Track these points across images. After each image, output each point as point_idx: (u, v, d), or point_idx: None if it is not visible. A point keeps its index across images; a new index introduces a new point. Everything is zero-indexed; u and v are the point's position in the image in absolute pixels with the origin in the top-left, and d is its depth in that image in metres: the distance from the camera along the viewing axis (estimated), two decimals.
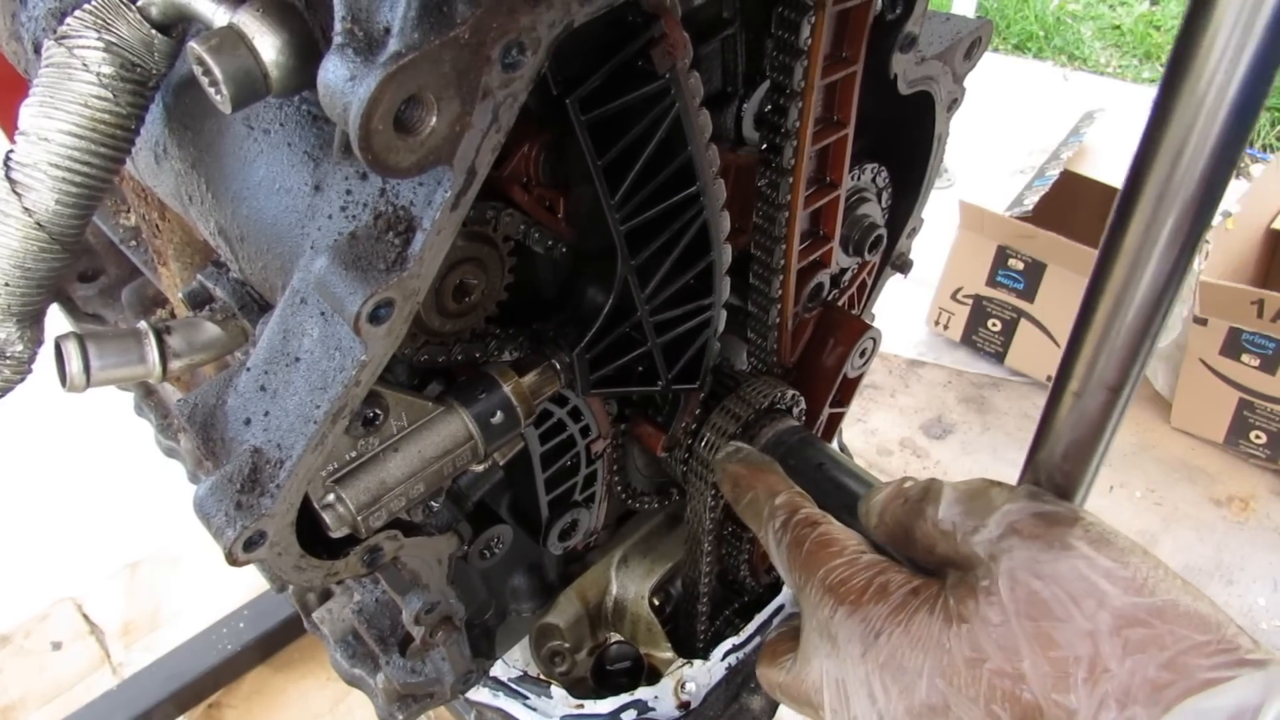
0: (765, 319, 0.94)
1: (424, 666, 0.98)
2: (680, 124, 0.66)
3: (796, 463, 0.87)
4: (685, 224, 0.72)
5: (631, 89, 0.62)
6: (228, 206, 0.72)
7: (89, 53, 0.67)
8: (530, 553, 1.04)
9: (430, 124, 0.49)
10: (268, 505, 0.60)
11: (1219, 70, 0.48)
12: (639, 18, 0.60)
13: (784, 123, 0.80)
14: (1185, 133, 0.51)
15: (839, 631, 0.62)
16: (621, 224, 0.67)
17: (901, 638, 0.59)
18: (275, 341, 0.62)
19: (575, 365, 0.73)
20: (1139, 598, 0.54)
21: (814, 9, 0.73)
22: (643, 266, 0.72)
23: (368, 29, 0.49)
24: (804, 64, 0.76)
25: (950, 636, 0.57)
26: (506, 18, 0.49)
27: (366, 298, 0.53)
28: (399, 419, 0.65)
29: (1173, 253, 0.55)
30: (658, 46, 0.60)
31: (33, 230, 0.69)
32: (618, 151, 0.64)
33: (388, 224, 0.56)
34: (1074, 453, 0.63)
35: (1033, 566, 0.56)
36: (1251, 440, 2.73)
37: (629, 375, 0.80)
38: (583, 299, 0.74)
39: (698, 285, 0.79)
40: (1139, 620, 0.53)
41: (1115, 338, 0.58)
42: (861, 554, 0.65)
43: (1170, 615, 0.53)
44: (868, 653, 0.60)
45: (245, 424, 0.62)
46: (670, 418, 0.90)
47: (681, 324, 0.79)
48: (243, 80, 0.59)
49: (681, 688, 1.13)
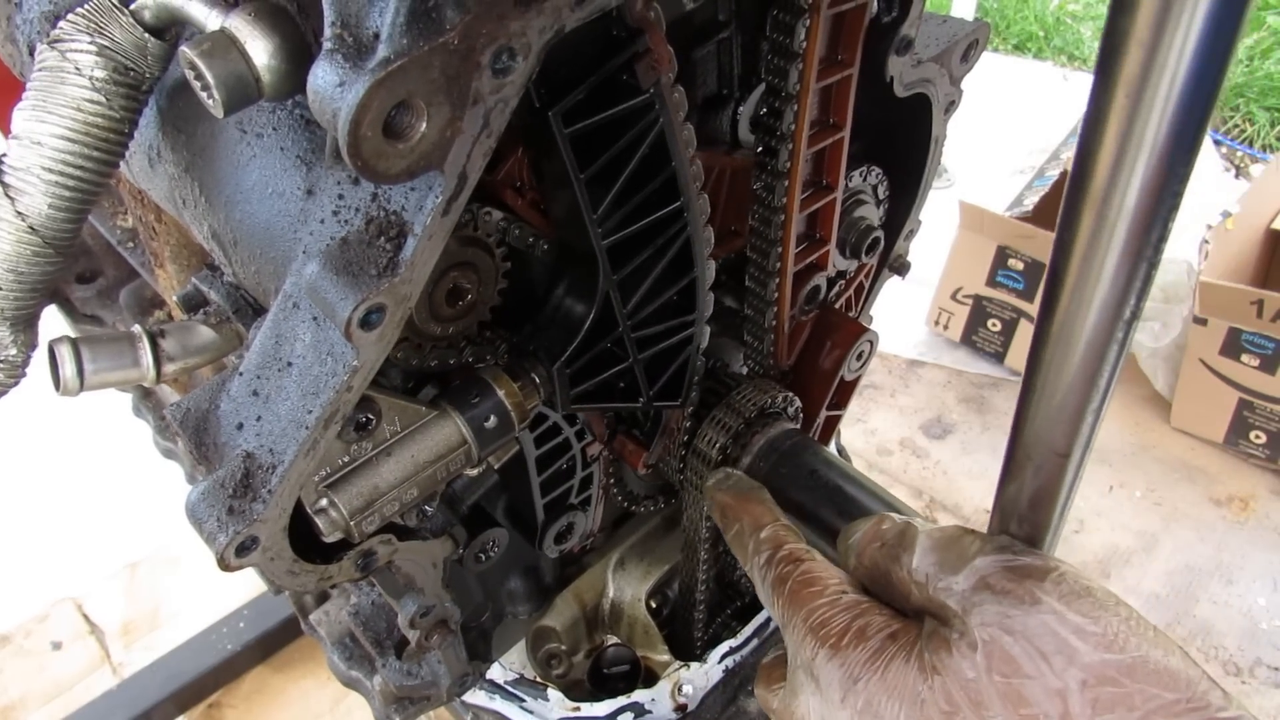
0: (762, 322, 0.94)
1: (420, 669, 0.98)
2: (664, 139, 0.65)
3: (790, 469, 0.87)
4: (669, 240, 0.71)
5: (615, 103, 0.61)
6: (221, 210, 0.71)
7: (82, 56, 0.67)
8: (526, 556, 1.04)
9: (420, 130, 0.49)
10: (260, 510, 0.59)
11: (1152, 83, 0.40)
12: (623, 32, 0.60)
13: (779, 125, 0.79)
14: (1113, 165, 0.44)
15: (820, 674, 0.62)
16: (604, 238, 0.67)
17: (878, 685, 0.60)
18: (268, 346, 0.61)
19: (555, 380, 0.72)
20: (1109, 654, 0.54)
21: (809, 12, 0.73)
22: (625, 281, 0.71)
23: (357, 34, 0.49)
24: (799, 67, 0.76)
25: (925, 688, 0.58)
26: (496, 23, 0.49)
27: (358, 303, 0.53)
28: (392, 424, 0.65)
29: (1105, 326, 0.51)
30: (642, 61, 0.60)
31: (26, 234, 0.69)
32: (600, 165, 0.64)
33: (379, 229, 0.55)
34: (1038, 502, 0.62)
35: (1003, 622, 0.56)
36: (1251, 440, 2.73)
37: (610, 391, 0.79)
38: (562, 314, 0.74)
39: (681, 301, 0.78)
40: (1108, 678, 0.53)
41: (1058, 408, 0.56)
42: (843, 594, 0.66)
43: (1140, 673, 0.53)
44: (846, 698, 0.60)
45: (238, 429, 0.62)
46: (652, 434, 0.90)
47: (664, 340, 0.79)
48: (234, 85, 0.59)
49: (678, 690, 1.13)
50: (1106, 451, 2.83)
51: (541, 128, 0.61)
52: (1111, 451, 2.83)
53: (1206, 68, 0.40)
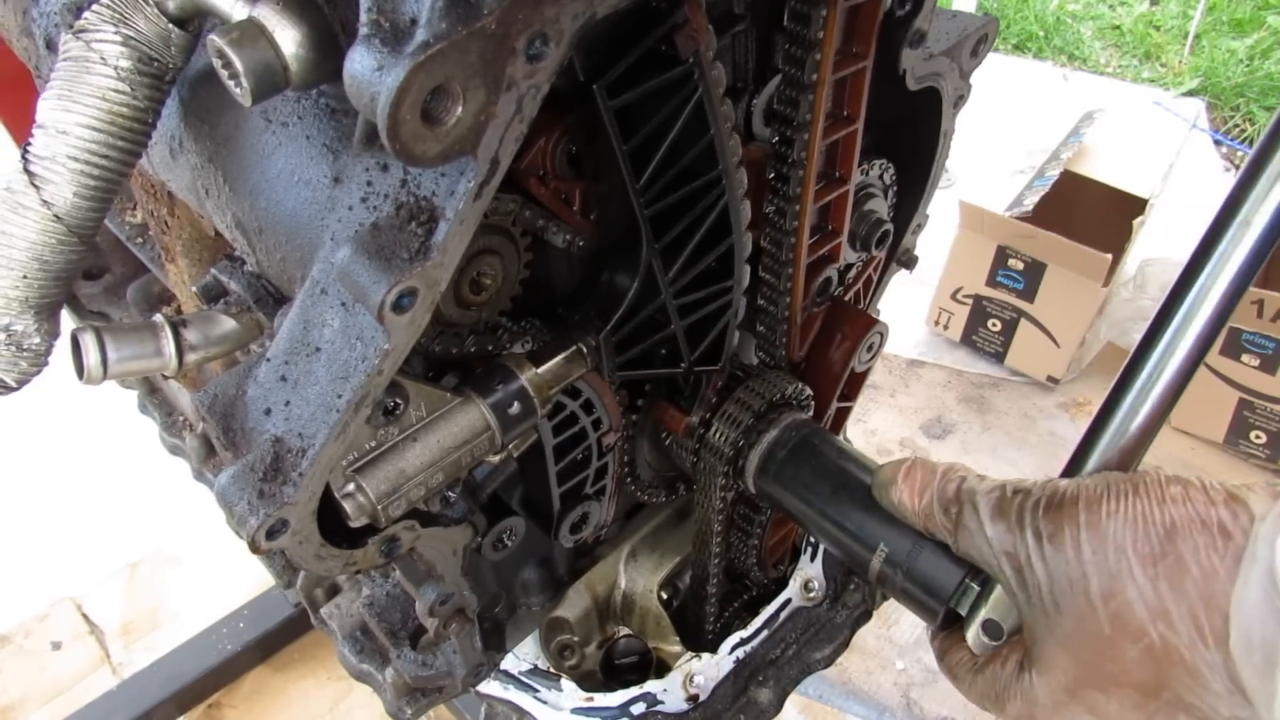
0: (775, 313, 0.94)
1: (435, 660, 0.98)
2: (703, 108, 0.66)
3: (807, 455, 0.88)
4: (707, 207, 0.73)
5: (656, 74, 0.63)
6: (246, 199, 0.72)
7: (107, 46, 0.67)
8: (541, 546, 1.05)
9: (456, 114, 0.50)
10: (290, 494, 0.60)
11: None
12: (661, 4, 0.61)
13: (795, 117, 0.80)
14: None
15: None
16: (646, 208, 0.68)
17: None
18: (296, 332, 0.62)
19: (602, 349, 0.74)
20: (1142, 530, 0.64)
21: (825, 4, 0.74)
22: (666, 250, 0.73)
23: (394, 20, 0.49)
24: (815, 58, 0.77)
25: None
26: (531, 9, 0.50)
27: (390, 286, 0.54)
28: (418, 409, 0.66)
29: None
30: (681, 32, 0.61)
31: (51, 223, 0.70)
32: (643, 137, 0.65)
33: (410, 214, 0.56)
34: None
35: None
36: (1251, 440, 2.74)
37: (653, 358, 0.81)
38: (606, 285, 0.75)
39: (719, 268, 0.80)
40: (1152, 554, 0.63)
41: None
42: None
43: (1176, 532, 0.63)
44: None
45: (266, 414, 0.63)
46: (692, 400, 0.91)
47: (704, 306, 0.81)
48: (263, 73, 0.59)
49: (690, 681, 1.13)
50: None
51: (585, 102, 0.62)
52: None
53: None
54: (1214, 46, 4.45)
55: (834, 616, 1.24)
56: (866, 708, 2.17)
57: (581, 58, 0.61)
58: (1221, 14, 4.61)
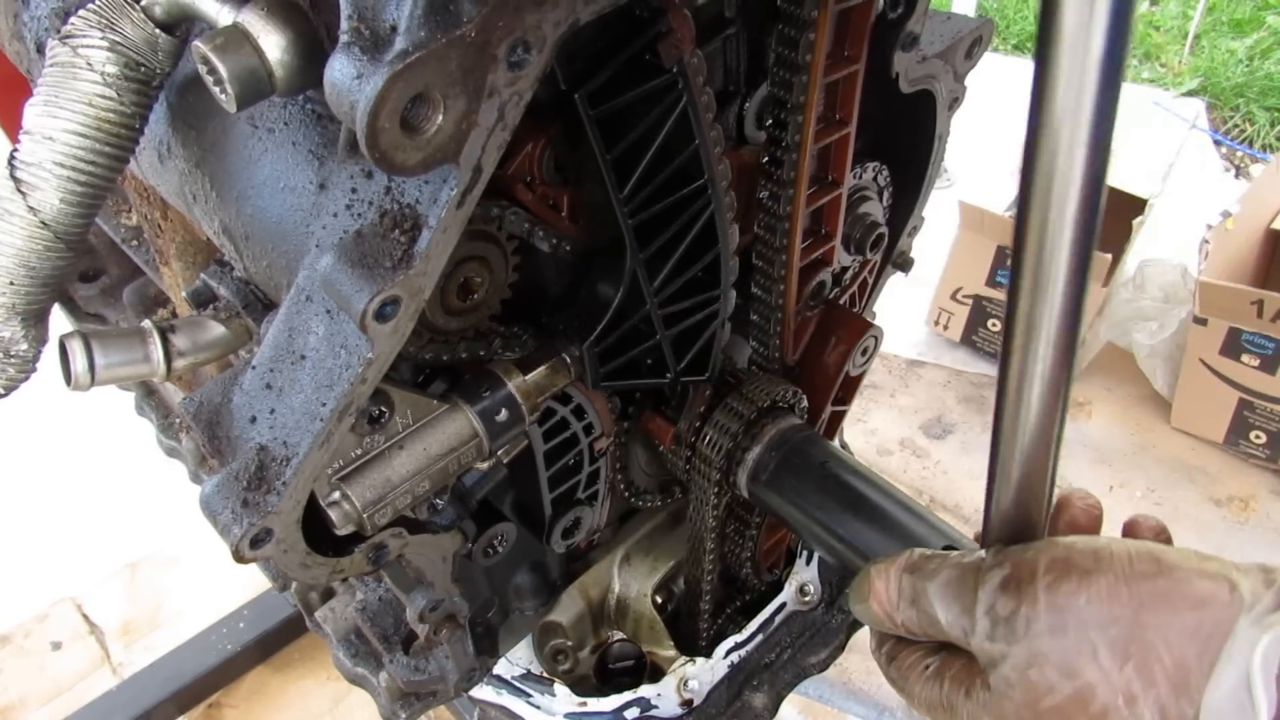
0: (767, 318, 0.94)
1: (428, 664, 0.98)
2: (687, 117, 0.66)
3: (800, 461, 0.87)
4: (693, 216, 0.73)
5: (639, 83, 0.62)
6: (232, 205, 0.72)
7: (93, 52, 0.67)
8: (533, 551, 1.04)
9: (436, 122, 0.49)
10: (274, 503, 0.60)
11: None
12: (645, 12, 0.60)
13: (786, 120, 0.80)
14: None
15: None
16: (630, 217, 0.68)
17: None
18: (281, 339, 0.62)
19: (585, 359, 0.73)
20: (1114, 609, 0.59)
21: (816, 8, 0.73)
22: (651, 259, 0.72)
23: (374, 27, 0.49)
24: (806, 61, 0.77)
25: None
26: (512, 16, 0.49)
27: (373, 295, 0.53)
28: (404, 416, 0.66)
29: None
30: (665, 40, 0.61)
31: (37, 229, 0.69)
32: (626, 145, 0.65)
33: (393, 222, 0.56)
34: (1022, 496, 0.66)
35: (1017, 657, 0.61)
36: (1251, 440, 2.73)
37: (638, 368, 0.80)
38: (590, 293, 0.75)
39: (705, 277, 0.79)
40: (1121, 636, 0.58)
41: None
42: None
43: (1148, 609, 0.58)
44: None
45: (251, 422, 0.62)
46: (679, 410, 0.91)
47: (690, 316, 0.80)
48: (248, 79, 0.59)
49: (684, 685, 1.13)
50: (1106, 452, 2.83)
51: (567, 110, 0.62)
52: (1111, 452, 2.83)
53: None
54: (1214, 47, 4.44)
55: (829, 620, 1.24)
56: (866, 708, 2.16)
57: (564, 66, 0.60)
58: (1221, 14, 4.60)
